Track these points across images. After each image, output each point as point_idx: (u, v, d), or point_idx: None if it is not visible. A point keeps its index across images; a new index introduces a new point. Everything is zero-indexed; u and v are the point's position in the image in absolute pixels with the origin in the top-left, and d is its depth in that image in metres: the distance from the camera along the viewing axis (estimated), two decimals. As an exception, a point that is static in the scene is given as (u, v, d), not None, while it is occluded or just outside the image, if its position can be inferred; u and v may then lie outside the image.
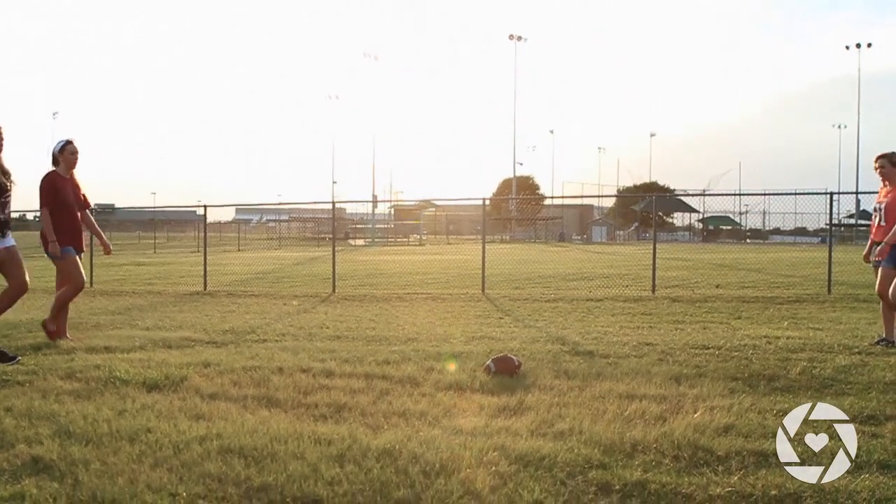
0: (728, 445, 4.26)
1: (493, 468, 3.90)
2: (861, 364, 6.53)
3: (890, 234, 7.49)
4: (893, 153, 7.79)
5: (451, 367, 5.17)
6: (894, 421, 4.80)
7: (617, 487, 3.68)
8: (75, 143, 8.03)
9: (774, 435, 4.44)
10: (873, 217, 8.03)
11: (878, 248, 7.64)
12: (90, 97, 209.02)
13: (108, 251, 8.64)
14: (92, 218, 8.28)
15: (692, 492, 3.62)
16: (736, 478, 3.78)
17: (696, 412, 4.97)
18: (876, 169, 7.86)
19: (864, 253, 8.17)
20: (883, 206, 7.76)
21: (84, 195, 8.09)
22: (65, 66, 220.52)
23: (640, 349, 7.42)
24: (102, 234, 8.53)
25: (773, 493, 3.59)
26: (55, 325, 7.88)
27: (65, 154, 7.90)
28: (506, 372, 6.14)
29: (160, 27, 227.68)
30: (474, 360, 6.78)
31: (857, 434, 4.47)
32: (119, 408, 5.19)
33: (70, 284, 7.78)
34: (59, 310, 7.87)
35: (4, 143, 6.79)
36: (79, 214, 7.95)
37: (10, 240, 6.93)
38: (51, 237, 7.60)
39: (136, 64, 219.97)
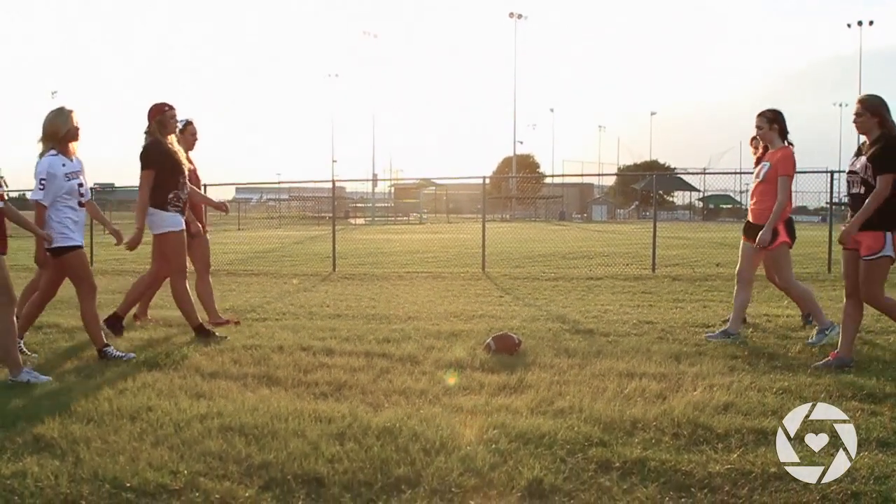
0: (727, 423, 4.27)
1: (494, 446, 3.91)
2: (861, 342, 6.52)
3: (771, 217, 6.64)
4: (772, 110, 6.86)
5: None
6: (894, 399, 4.81)
7: (617, 465, 3.69)
8: (195, 124, 7.82)
9: (774, 413, 4.46)
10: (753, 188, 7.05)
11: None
12: (89, 76, 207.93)
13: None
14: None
15: (692, 469, 3.63)
16: (735, 455, 3.80)
17: (695, 390, 4.98)
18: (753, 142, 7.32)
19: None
20: (763, 171, 6.82)
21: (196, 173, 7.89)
22: (62, 44, 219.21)
23: (640, 327, 7.43)
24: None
25: (773, 470, 3.60)
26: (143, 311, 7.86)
27: (185, 135, 7.68)
28: (506, 350, 6.15)
29: (160, 5, 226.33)
30: (475, 338, 6.78)
31: (857, 412, 4.49)
32: (120, 386, 5.20)
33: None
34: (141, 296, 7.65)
35: None
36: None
37: None
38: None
39: (135, 42, 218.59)
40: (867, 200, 5.50)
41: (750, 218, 6.96)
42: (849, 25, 77.85)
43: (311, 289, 11.55)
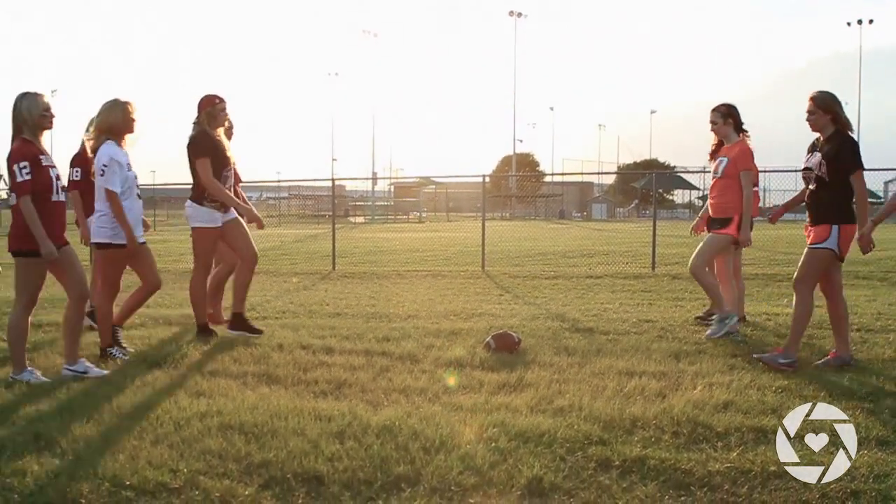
0: (727, 422, 4.27)
1: (493, 444, 3.91)
2: (860, 341, 6.53)
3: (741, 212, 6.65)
4: (726, 104, 6.84)
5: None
6: (893, 397, 4.81)
7: (616, 463, 3.70)
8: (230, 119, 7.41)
9: (774, 411, 4.46)
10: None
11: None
12: (89, 75, 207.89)
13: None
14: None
15: (691, 468, 3.63)
16: (735, 454, 3.80)
17: (695, 388, 4.98)
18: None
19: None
20: (722, 167, 6.81)
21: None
22: (63, 43, 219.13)
23: (640, 326, 7.42)
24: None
25: (772, 468, 3.61)
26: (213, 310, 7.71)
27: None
28: (505, 348, 6.15)
29: (159, 3, 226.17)
30: (474, 336, 6.78)
31: (856, 410, 4.49)
32: (119, 384, 5.20)
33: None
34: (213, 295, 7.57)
35: None
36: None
37: None
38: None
39: (134, 41, 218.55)
40: (858, 201, 5.58)
41: (710, 213, 6.97)
42: (848, 24, 77.71)
43: (311, 287, 11.54)
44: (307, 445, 3.91)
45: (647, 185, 55.98)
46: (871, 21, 77.70)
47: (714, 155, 7.05)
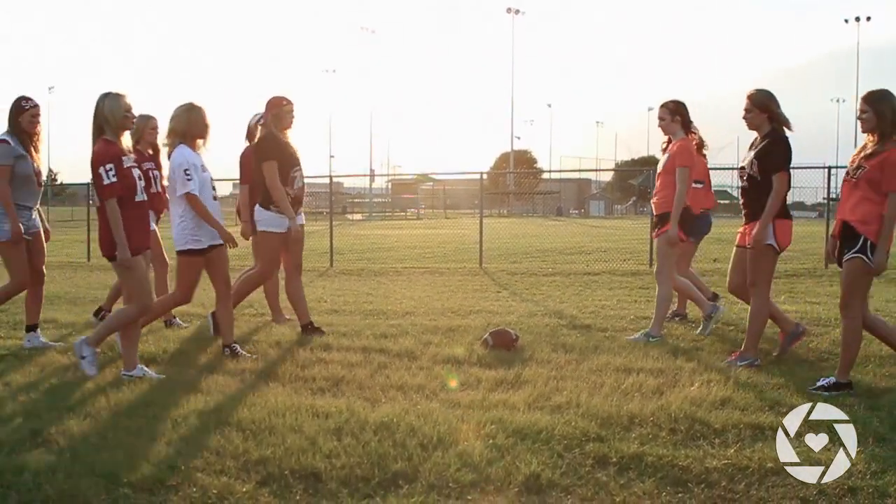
0: (724, 419, 4.28)
1: (491, 441, 3.91)
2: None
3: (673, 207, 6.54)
4: (675, 101, 6.79)
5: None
6: (890, 394, 4.82)
7: (614, 460, 3.70)
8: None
9: (771, 408, 4.47)
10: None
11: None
12: (87, 73, 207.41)
13: None
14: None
15: (689, 464, 3.63)
16: (732, 451, 3.80)
17: (692, 385, 4.98)
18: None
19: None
20: (663, 163, 6.79)
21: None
22: (60, 40, 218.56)
23: (638, 323, 7.42)
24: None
25: (770, 465, 3.61)
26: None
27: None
28: (503, 345, 6.15)
29: (157, 2, 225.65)
30: (472, 333, 6.78)
31: (854, 407, 4.50)
32: (117, 381, 5.19)
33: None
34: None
35: None
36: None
37: None
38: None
39: (131, 39, 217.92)
40: (769, 200, 5.53)
41: (654, 210, 6.92)
42: (846, 21, 77.85)
43: (309, 284, 11.50)
44: (305, 442, 3.91)
45: (644, 182, 56.01)
46: (868, 18, 77.89)
47: (664, 151, 6.98)
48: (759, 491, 3.39)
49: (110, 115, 5.17)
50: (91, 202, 6.06)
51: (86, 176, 6.40)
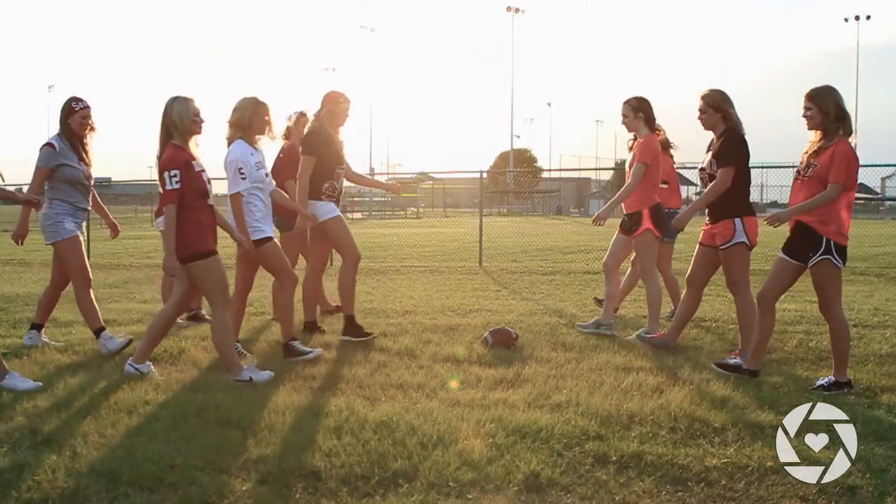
0: (724, 417, 4.28)
1: (491, 440, 3.91)
2: (857, 337, 6.54)
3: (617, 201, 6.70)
4: (637, 97, 6.73)
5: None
6: (890, 393, 4.82)
7: (614, 459, 3.70)
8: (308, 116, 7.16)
9: (771, 407, 4.47)
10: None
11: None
12: (85, 70, 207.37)
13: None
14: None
15: (688, 463, 3.64)
16: (732, 449, 3.80)
17: (692, 384, 4.98)
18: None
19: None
20: (628, 161, 6.78)
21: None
22: (60, 38, 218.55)
23: (638, 322, 7.43)
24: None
25: (769, 464, 3.61)
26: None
27: (298, 126, 7.14)
28: (503, 344, 6.16)
29: (155, 1, 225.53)
30: (472, 332, 6.79)
31: (854, 406, 4.50)
32: (117, 380, 5.19)
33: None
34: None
35: None
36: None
37: None
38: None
39: (131, 36, 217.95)
40: (707, 190, 5.63)
41: (623, 209, 6.89)
42: (846, 20, 77.83)
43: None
44: (304, 441, 3.91)
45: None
46: (868, 17, 77.85)
47: (631, 149, 6.91)
48: (758, 489, 3.40)
49: (178, 120, 5.11)
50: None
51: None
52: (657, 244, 6.74)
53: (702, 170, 5.84)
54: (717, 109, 5.66)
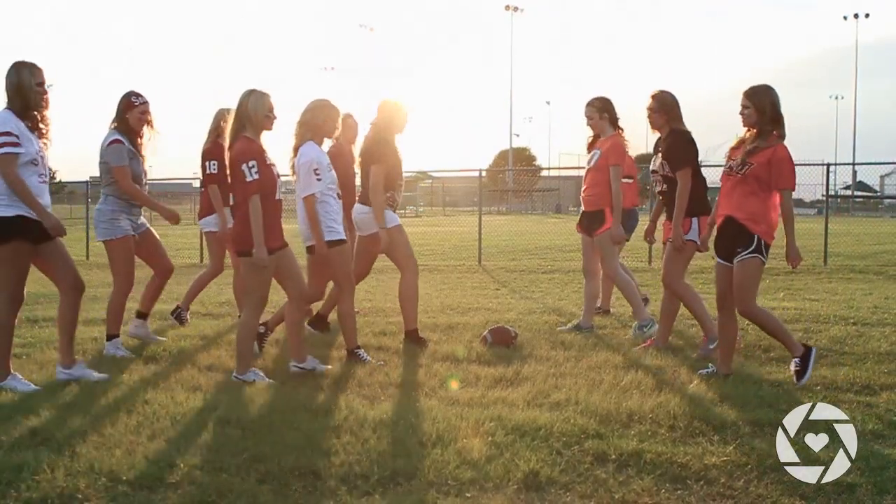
0: (723, 415, 4.28)
1: (490, 438, 3.91)
2: (856, 335, 6.55)
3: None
4: (601, 98, 6.76)
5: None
6: (889, 391, 4.82)
7: (613, 457, 3.70)
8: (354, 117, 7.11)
9: (770, 405, 4.47)
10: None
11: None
12: (81, 69, 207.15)
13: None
14: None
15: (688, 461, 3.64)
16: (731, 447, 3.80)
17: (691, 382, 4.98)
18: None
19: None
20: (595, 159, 6.72)
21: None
22: (55, 37, 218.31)
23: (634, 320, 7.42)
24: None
25: (769, 462, 3.61)
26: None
27: (345, 127, 6.70)
28: (502, 343, 6.16)
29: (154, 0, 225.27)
30: (471, 331, 6.79)
31: (852, 404, 4.50)
32: (116, 379, 5.19)
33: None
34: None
35: None
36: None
37: None
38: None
39: (129, 36, 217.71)
40: (678, 197, 5.69)
41: (582, 206, 6.90)
42: (845, 18, 77.89)
43: (308, 282, 11.52)
44: (304, 440, 3.91)
45: (643, 178, 56.12)
46: (867, 15, 77.96)
47: (591, 147, 6.92)
48: (757, 487, 3.40)
49: (253, 114, 5.08)
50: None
51: (85, 174, 6.40)
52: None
53: (654, 172, 5.95)
54: (666, 111, 5.77)
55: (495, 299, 9.32)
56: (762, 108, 4.87)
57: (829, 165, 15.58)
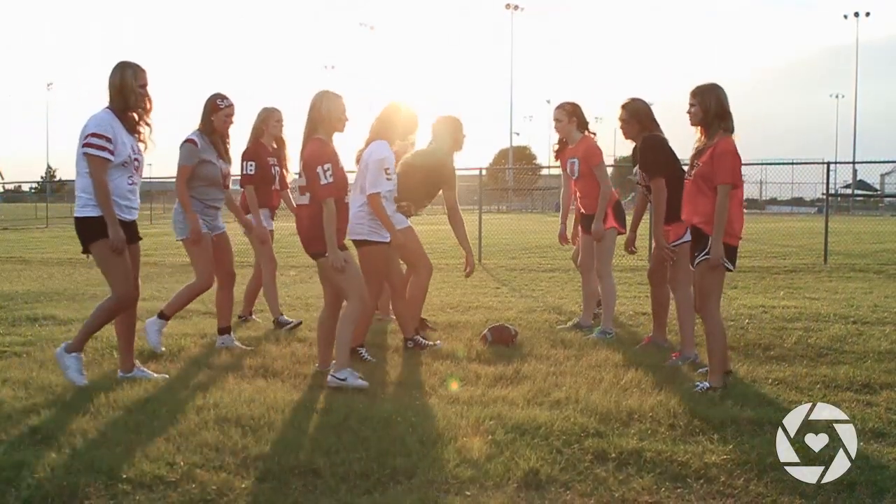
0: (723, 414, 4.28)
1: (490, 437, 3.91)
2: (856, 333, 6.55)
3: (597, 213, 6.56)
4: (571, 103, 6.74)
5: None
6: (888, 389, 4.82)
7: (613, 456, 3.70)
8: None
9: (770, 403, 4.47)
10: (568, 182, 6.98)
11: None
12: (83, 67, 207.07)
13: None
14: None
15: (688, 460, 3.63)
16: (731, 446, 3.80)
17: (691, 381, 4.98)
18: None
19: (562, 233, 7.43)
20: (576, 168, 6.65)
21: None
22: (58, 37, 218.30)
23: (637, 319, 7.45)
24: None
25: (769, 460, 3.61)
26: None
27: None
28: (502, 341, 6.16)
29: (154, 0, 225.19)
30: (471, 329, 6.78)
31: (852, 402, 4.50)
32: (116, 378, 5.19)
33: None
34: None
35: None
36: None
37: None
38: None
39: (128, 34, 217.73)
40: (654, 207, 5.69)
41: (583, 210, 6.85)
42: (845, 17, 77.87)
43: (308, 280, 11.52)
44: (303, 438, 3.91)
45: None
46: (867, 14, 77.92)
47: (559, 154, 6.88)
48: (757, 486, 3.40)
49: (327, 115, 5.06)
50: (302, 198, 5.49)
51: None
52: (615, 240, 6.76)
53: (638, 183, 5.99)
54: (639, 120, 5.80)
55: (495, 298, 9.32)
56: (706, 105, 4.79)
57: (829, 164, 15.57)
